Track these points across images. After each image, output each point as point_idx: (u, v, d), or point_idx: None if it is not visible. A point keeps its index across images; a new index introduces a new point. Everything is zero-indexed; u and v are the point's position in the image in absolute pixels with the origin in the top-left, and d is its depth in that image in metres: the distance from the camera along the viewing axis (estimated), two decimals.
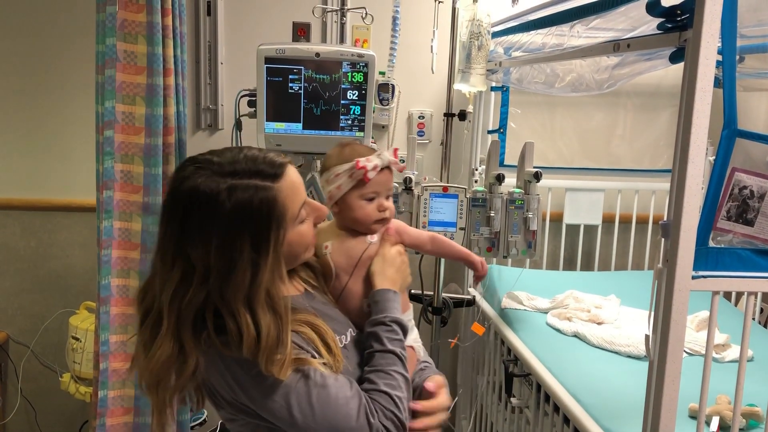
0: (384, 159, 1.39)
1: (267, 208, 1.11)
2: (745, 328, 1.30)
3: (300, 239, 1.22)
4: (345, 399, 1.14)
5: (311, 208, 1.26)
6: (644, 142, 3.04)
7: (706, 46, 1.12)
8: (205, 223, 1.09)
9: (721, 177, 1.22)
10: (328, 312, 1.32)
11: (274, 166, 1.15)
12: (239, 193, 1.09)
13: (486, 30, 2.38)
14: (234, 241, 1.09)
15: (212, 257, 1.08)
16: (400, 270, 1.39)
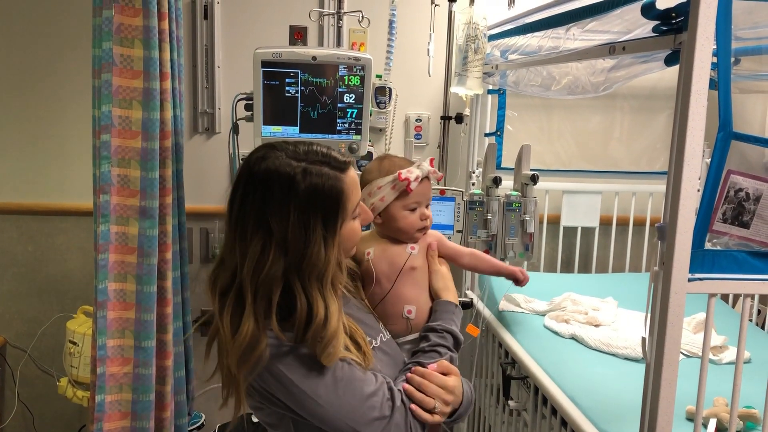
0: (424, 169, 1.45)
1: (335, 193, 1.19)
2: (741, 330, 1.30)
3: (351, 234, 1.27)
4: (367, 394, 1.20)
5: (361, 209, 1.32)
6: (641, 144, 3.05)
7: (701, 49, 1.12)
8: (284, 199, 1.16)
9: (716, 179, 1.22)
10: (361, 316, 1.36)
11: (340, 161, 1.23)
12: (313, 177, 1.17)
13: (482, 33, 2.38)
14: (309, 218, 1.16)
15: (290, 231, 1.15)
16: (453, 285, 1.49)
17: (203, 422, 2.52)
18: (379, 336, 1.36)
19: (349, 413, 1.18)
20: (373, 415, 1.19)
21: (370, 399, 1.20)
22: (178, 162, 2.22)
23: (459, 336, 1.39)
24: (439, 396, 1.26)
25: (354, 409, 1.18)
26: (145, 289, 2.04)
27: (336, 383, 1.18)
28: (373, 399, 1.20)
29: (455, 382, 1.31)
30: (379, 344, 1.34)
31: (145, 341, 2.05)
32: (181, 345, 2.28)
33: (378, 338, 1.35)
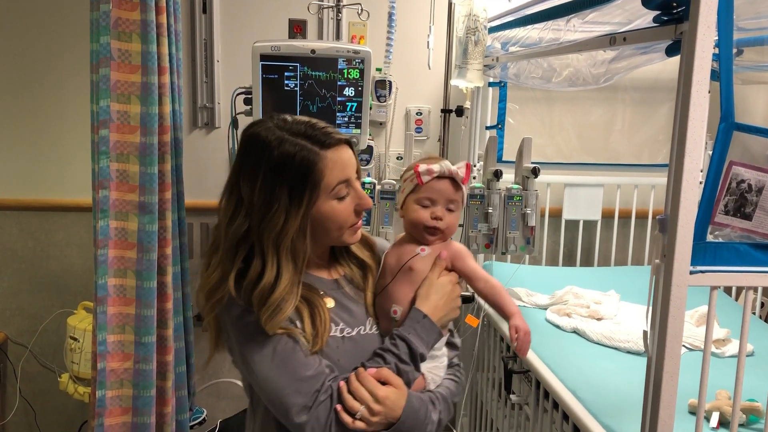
0: (443, 167, 1.35)
1: (305, 167, 1.22)
2: (744, 323, 1.29)
3: (332, 214, 1.27)
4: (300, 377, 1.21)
5: (355, 193, 1.30)
6: (643, 136, 3.03)
7: (702, 39, 1.11)
8: (256, 164, 1.23)
9: (718, 171, 1.21)
10: (349, 305, 1.35)
11: (327, 136, 1.24)
12: (287, 146, 1.22)
13: (482, 25, 2.37)
14: (274, 185, 1.22)
15: (256, 195, 1.22)
16: (447, 301, 1.33)
17: (205, 417, 2.52)
18: (358, 327, 1.33)
19: (277, 389, 1.21)
20: (298, 401, 1.20)
21: (301, 383, 1.21)
22: (177, 157, 2.21)
23: (414, 346, 1.26)
24: (367, 403, 1.20)
25: (283, 387, 1.21)
26: (145, 285, 2.03)
27: (273, 356, 1.22)
28: (304, 384, 1.21)
29: (389, 393, 1.22)
30: (354, 334, 1.31)
31: (146, 337, 2.04)
32: (181, 340, 2.27)
33: (357, 329, 1.32)
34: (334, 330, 1.30)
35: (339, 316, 1.33)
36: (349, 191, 1.29)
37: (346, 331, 1.31)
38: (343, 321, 1.32)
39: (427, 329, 1.29)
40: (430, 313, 1.30)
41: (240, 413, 2.47)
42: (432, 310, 1.30)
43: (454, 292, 1.35)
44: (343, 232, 1.31)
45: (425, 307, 1.30)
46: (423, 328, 1.28)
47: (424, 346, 1.28)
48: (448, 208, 1.37)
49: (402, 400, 1.24)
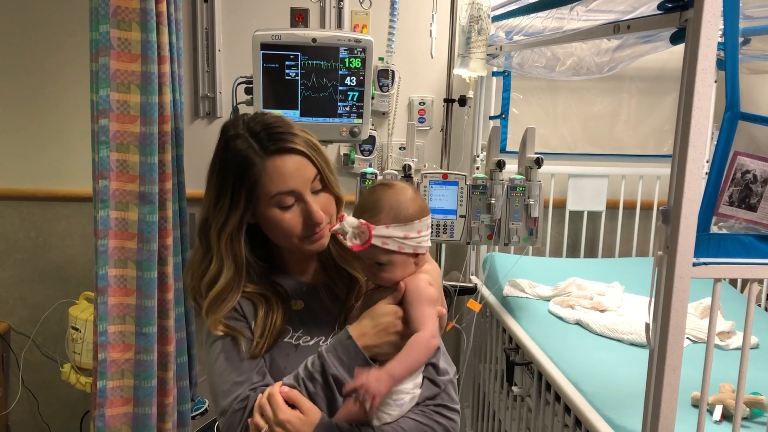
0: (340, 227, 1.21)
1: (243, 168, 1.23)
2: (748, 315, 1.27)
3: (275, 222, 1.26)
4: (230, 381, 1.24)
5: (304, 207, 1.25)
6: (648, 126, 3.01)
7: (708, 26, 1.09)
8: (215, 156, 1.30)
9: (723, 161, 1.19)
10: (318, 312, 1.33)
11: (275, 143, 1.23)
12: (238, 143, 1.25)
13: (486, 14, 2.35)
14: (223, 180, 1.26)
15: (211, 186, 1.30)
16: (380, 331, 1.20)
17: (206, 408, 2.51)
18: (318, 338, 1.30)
19: (212, 386, 1.29)
20: (220, 402, 1.24)
21: (229, 386, 1.23)
22: (178, 147, 2.20)
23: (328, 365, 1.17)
24: (269, 423, 1.16)
25: (214, 386, 1.27)
26: (146, 275, 2.03)
27: (216, 355, 1.28)
28: (232, 388, 1.23)
29: (291, 418, 1.15)
30: (311, 344, 1.29)
31: (146, 327, 2.04)
32: (183, 331, 2.27)
33: (316, 339, 1.30)
34: (289, 336, 1.29)
35: (302, 322, 1.31)
36: (295, 202, 1.25)
37: (302, 339, 1.29)
38: (304, 328, 1.30)
39: (349, 351, 1.18)
40: (356, 337, 1.19)
41: None
42: (359, 335, 1.19)
43: (391, 326, 1.20)
44: (293, 241, 1.27)
45: (353, 329, 1.20)
46: (344, 350, 1.18)
47: (341, 368, 1.17)
48: (377, 262, 1.21)
49: (307, 427, 1.16)
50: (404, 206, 1.20)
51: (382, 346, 1.20)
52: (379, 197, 1.21)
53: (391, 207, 1.20)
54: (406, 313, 1.21)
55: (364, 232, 1.17)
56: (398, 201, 1.20)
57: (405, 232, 1.19)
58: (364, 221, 1.17)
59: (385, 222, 1.18)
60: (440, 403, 1.28)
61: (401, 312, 1.22)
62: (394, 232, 1.18)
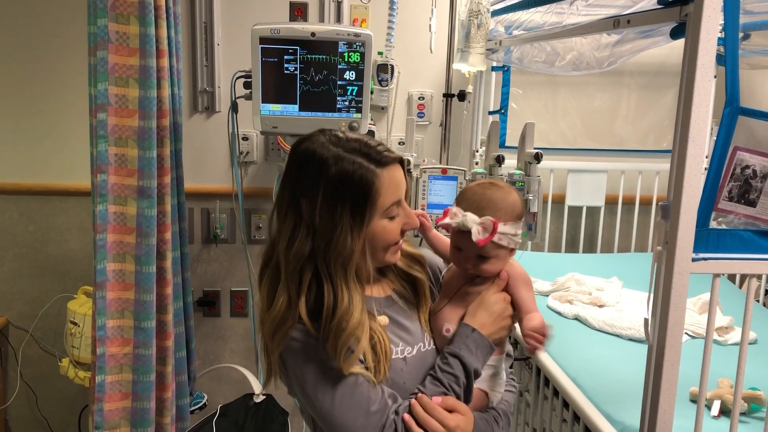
0: (460, 221, 1.28)
1: (364, 184, 1.18)
2: (746, 310, 1.27)
3: (383, 233, 1.23)
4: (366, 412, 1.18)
5: (404, 213, 1.27)
6: (648, 122, 3.00)
7: (708, 21, 1.08)
8: (315, 181, 1.19)
9: (722, 156, 1.19)
10: (403, 321, 1.32)
11: (381, 155, 1.21)
12: (344, 164, 1.18)
13: (485, 8, 2.34)
14: (336, 204, 1.18)
15: (317, 213, 1.18)
16: (496, 319, 1.28)
17: (205, 402, 2.52)
18: (418, 345, 1.30)
19: (343, 426, 1.18)
20: None
21: (367, 418, 1.17)
22: (176, 141, 2.20)
23: (466, 361, 1.22)
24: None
25: (348, 423, 1.17)
26: (144, 270, 2.03)
27: (338, 392, 1.18)
28: (370, 419, 1.17)
29: (459, 422, 1.18)
30: (415, 353, 1.29)
31: (145, 322, 2.04)
32: (181, 325, 2.27)
33: (416, 347, 1.30)
34: (395, 352, 1.27)
35: (397, 335, 1.30)
36: (399, 211, 1.26)
37: (407, 351, 1.28)
38: (402, 340, 1.29)
39: (478, 343, 1.24)
40: (480, 328, 1.26)
41: (240, 398, 2.47)
42: (480, 326, 1.26)
43: (505, 311, 1.29)
44: (387, 252, 1.28)
45: (473, 322, 1.27)
46: (474, 343, 1.24)
47: (477, 360, 1.24)
48: (480, 255, 1.29)
49: (470, 426, 1.21)
50: (517, 206, 1.32)
51: (499, 331, 1.29)
52: (494, 196, 1.30)
53: (507, 206, 1.30)
54: (513, 297, 1.31)
55: (489, 228, 1.25)
56: (512, 201, 1.31)
57: (516, 229, 1.30)
58: (492, 217, 1.25)
59: (504, 220, 1.28)
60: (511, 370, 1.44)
61: (509, 296, 1.31)
62: (510, 229, 1.29)
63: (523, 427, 2.24)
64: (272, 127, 2.12)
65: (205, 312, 2.88)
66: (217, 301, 2.88)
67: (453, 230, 1.31)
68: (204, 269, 2.85)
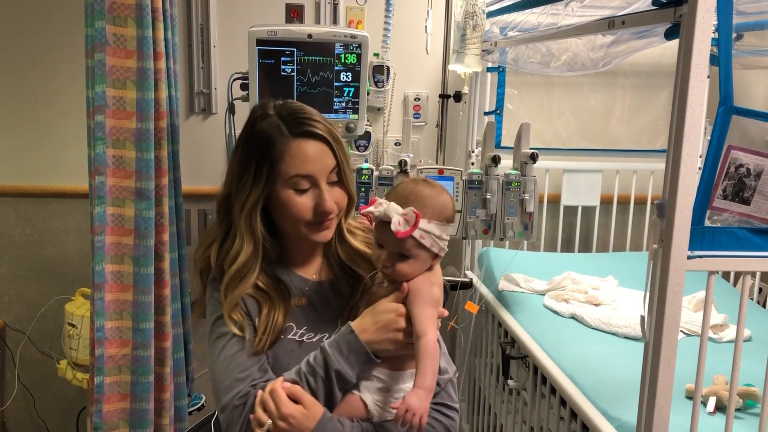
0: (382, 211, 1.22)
1: (267, 146, 1.26)
2: (741, 308, 1.29)
3: (287, 203, 1.27)
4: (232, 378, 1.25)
5: (318, 194, 1.27)
6: (642, 122, 3.02)
7: (702, 21, 1.10)
8: (242, 134, 1.32)
9: (717, 155, 1.20)
10: (321, 309, 1.34)
11: (300, 126, 1.26)
12: (264, 123, 1.27)
13: (481, 9, 2.35)
14: (246, 157, 1.28)
15: (234, 163, 1.31)
16: (381, 328, 1.21)
17: (203, 403, 2.52)
18: (322, 334, 1.31)
19: (214, 382, 1.29)
20: (221, 398, 1.25)
21: (230, 382, 1.25)
22: (174, 143, 2.20)
23: (331, 360, 1.19)
24: (273, 418, 1.16)
25: (217, 380, 1.28)
26: (143, 271, 2.03)
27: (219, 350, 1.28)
28: (231, 384, 1.24)
29: (294, 412, 1.16)
30: (314, 340, 1.31)
31: (143, 323, 2.04)
32: (179, 326, 2.27)
33: (320, 335, 1.31)
34: (292, 333, 1.30)
35: (306, 318, 1.32)
36: (311, 188, 1.27)
37: (306, 336, 1.31)
38: (309, 324, 1.31)
39: (351, 346, 1.20)
40: (358, 332, 1.21)
41: None
42: (360, 330, 1.21)
43: (392, 322, 1.21)
44: (301, 227, 1.29)
45: (355, 325, 1.22)
46: (346, 344, 1.20)
47: (345, 363, 1.19)
48: (400, 254, 1.22)
49: (310, 422, 1.17)
50: (447, 207, 1.25)
51: (382, 342, 1.21)
52: (424, 193, 1.24)
53: (436, 205, 1.23)
54: (409, 312, 1.22)
55: (411, 220, 1.19)
56: (443, 201, 1.24)
57: (441, 232, 1.23)
58: (415, 209, 1.19)
59: (429, 217, 1.21)
60: (440, 402, 1.29)
61: (403, 310, 1.22)
62: (433, 229, 1.21)
63: (521, 426, 2.25)
64: None
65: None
66: None
67: (376, 223, 1.24)
68: None
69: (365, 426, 1.23)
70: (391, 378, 1.25)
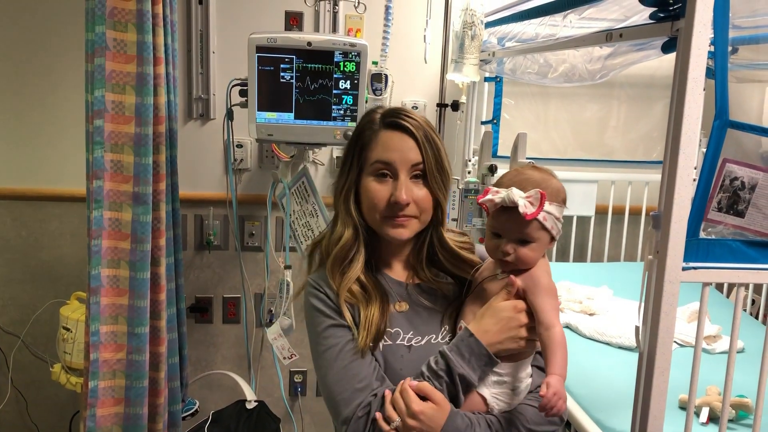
0: (506, 197, 1.22)
1: (360, 134, 1.35)
2: (735, 319, 1.30)
3: (367, 190, 1.32)
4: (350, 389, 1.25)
5: (396, 184, 1.29)
6: (638, 133, 3.04)
7: (698, 36, 1.11)
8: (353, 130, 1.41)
9: (712, 168, 1.21)
10: (422, 310, 1.35)
11: (391, 117, 1.32)
12: (364, 119, 1.38)
13: (479, 20, 2.37)
14: (347, 147, 1.38)
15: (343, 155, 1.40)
16: (502, 328, 1.23)
17: (197, 409, 2.52)
18: (429, 336, 1.32)
19: (331, 394, 1.26)
20: (345, 411, 1.24)
21: (349, 393, 1.24)
22: (172, 148, 2.20)
23: (453, 364, 1.21)
24: (402, 416, 1.19)
25: (334, 392, 1.26)
26: (139, 276, 2.03)
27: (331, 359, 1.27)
28: (351, 396, 1.24)
29: (425, 409, 1.18)
30: (423, 343, 1.31)
31: (139, 327, 2.04)
32: (174, 332, 2.27)
33: (427, 337, 1.32)
34: (400, 338, 1.31)
35: (410, 322, 1.33)
36: (390, 178, 1.30)
37: (414, 340, 1.31)
38: (414, 329, 1.32)
39: (472, 349, 1.22)
40: (479, 334, 1.23)
41: (232, 405, 2.47)
42: (481, 333, 1.23)
43: (513, 320, 1.23)
44: (377, 217, 1.31)
45: (475, 327, 1.24)
46: (467, 348, 1.22)
47: (468, 366, 1.22)
48: (521, 240, 1.24)
49: (440, 418, 1.19)
50: (561, 189, 1.29)
51: (505, 342, 1.24)
52: (534, 177, 1.27)
53: (552, 187, 1.26)
54: (530, 304, 1.24)
55: (536, 202, 1.20)
56: (555, 184, 1.28)
57: (559, 213, 1.26)
58: (540, 191, 1.21)
59: (549, 199, 1.23)
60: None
61: (522, 305, 1.25)
62: (554, 210, 1.24)
63: None
64: (267, 135, 2.13)
65: (198, 318, 2.89)
66: (210, 308, 2.88)
67: (493, 211, 1.25)
68: (197, 276, 2.85)
69: (489, 418, 1.26)
70: (508, 371, 1.28)
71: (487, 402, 1.28)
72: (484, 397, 1.28)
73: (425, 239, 1.38)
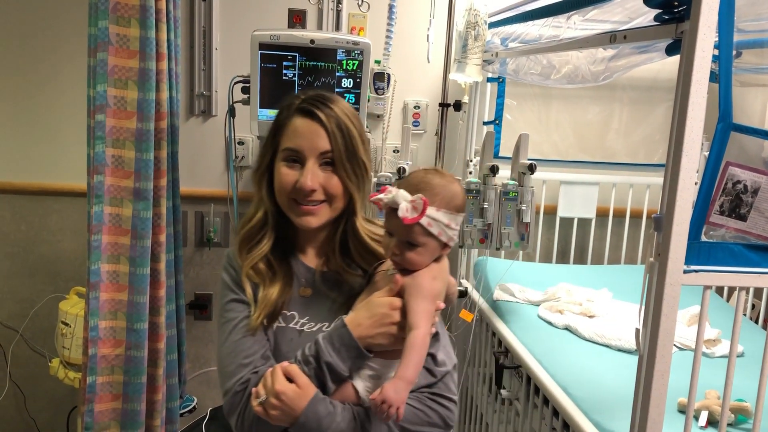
0: (391, 199, 1.22)
1: (277, 120, 1.37)
2: (735, 323, 1.29)
3: (278, 175, 1.34)
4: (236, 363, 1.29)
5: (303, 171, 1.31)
6: (640, 136, 3.04)
7: (703, 38, 1.11)
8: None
9: (714, 171, 1.21)
10: (324, 298, 1.36)
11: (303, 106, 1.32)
12: (284, 102, 1.38)
13: (483, 20, 2.37)
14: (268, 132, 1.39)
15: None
16: (374, 323, 1.22)
17: (195, 405, 2.52)
18: (323, 323, 1.33)
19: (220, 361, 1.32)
20: (227, 383, 1.28)
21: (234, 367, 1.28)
22: (173, 144, 2.20)
23: (322, 351, 1.21)
24: (268, 393, 1.20)
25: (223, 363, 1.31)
26: (138, 271, 2.03)
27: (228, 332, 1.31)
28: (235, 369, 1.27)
29: (286, 390, 1.19)
30: (315, 329, 1.33)
31: (138, 323, 2.04)
32: (173, 328, 2.27)
33: (320, 324, 1.33)
34: (294, 321, 1.33)
35: (309, 307, 1.35)
36: (299, 164, 1.32)
37: (307, 326, 1.33)
38: (311, 314, 1.34)
39: (343, 339, 1.22)
40: (352, 326, 1.22)
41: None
42: (354, 325, 1.22)
43: (386, 317, 1.22)
44: (285, 202, 1.34)
45: (350, 319, 1.24)
46: (339, 338, 1.22)
47: (337, 356, 1.21)
48: (408, 242, 1.23)
49: (301, 401, 1.19)
50: (457, 196, 1.25)
51: (376, 336, 1.22)
52: (433, 181, 1.24)
53: (446, 193, 1.23)
54: (405, 305, 1.23)
55: (418, 207, 1.19)
56: (453, 190, 1.25)
57: (449, 220, 1.23)
58: (423, 197, 1.19)
59: (437, 206, 1.22)
60: (436, 392, 1.31)
61: (398, 303, 1.23)
62: (442, 217, 1.22)
63: None
64: None
65: (196, 315, 2.88)
66: (209, 305, 2.88)
67: (386, 210, 1.25)
68: (196, 272, 2.85)
69: (357, 410, 1.25)
70: (383, 366, 1.26)
71: (358, 394, 1.26)
72: (356, 389, 1.26)
73: (338, 228, 1.39)
